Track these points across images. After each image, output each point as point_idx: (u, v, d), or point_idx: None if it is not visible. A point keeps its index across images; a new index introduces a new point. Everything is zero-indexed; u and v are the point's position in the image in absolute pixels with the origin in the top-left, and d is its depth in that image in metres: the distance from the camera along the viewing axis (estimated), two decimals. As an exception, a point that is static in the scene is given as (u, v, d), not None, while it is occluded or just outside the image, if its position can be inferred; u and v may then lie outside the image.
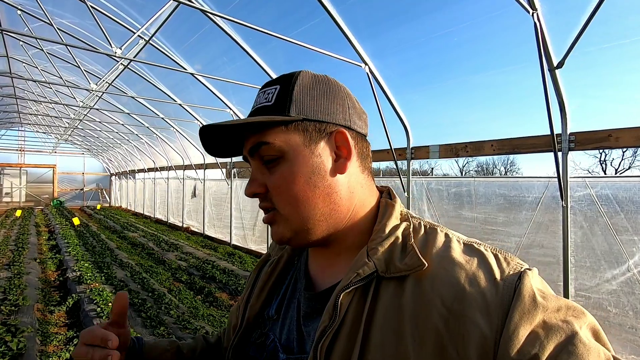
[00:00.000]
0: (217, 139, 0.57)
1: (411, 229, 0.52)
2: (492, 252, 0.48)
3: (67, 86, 6.10)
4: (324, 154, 0.53)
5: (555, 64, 2.81)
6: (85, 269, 5.41)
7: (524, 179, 3.35)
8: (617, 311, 2.83)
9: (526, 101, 3.49)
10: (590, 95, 3.03)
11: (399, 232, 0.52)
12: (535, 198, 3.31)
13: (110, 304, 4.00)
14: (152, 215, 13.59)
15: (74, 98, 7.81)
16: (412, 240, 0.50)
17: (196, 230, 9.99)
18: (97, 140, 15.82)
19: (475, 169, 28.63)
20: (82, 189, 20.60)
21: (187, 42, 5.45)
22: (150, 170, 13.58)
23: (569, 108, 2.99)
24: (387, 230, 0.52)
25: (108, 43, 3.96)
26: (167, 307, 4.09)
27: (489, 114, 3.80)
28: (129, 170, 16.67)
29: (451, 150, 3.93)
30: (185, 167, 10.38)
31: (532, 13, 2.56)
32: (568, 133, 3.03)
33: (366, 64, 3.80)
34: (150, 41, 5.08)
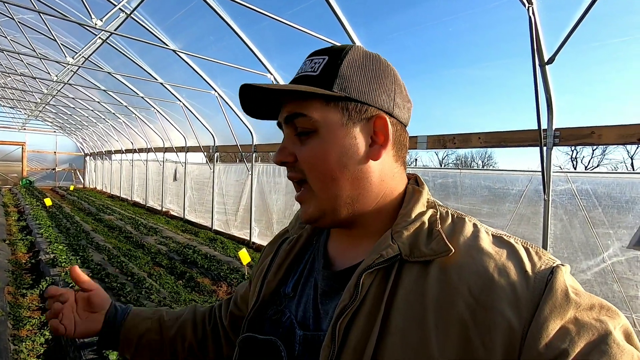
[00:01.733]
0: (256, 101, 0.56)
1: (438, 216, 0.52)
2: (523, 245, 0.47)
3: (40, 58, 5.73)
4: (359, 136, 0.51)
5: (546, 60, 2.85)
6: (60, 251, 5.21)
7: (508, 172, 3.43)
8: (589, 300, 2.97)
9: (515, 96, 3.55)
10: (577, 92, 3.11)
11: (425, 218, 0.51)
12: (519, 191, 3.40)
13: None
14: (129, 198, 13.19)
15: (48, 72, 7.37)
16: (439, 226, 0.49)
17: (176, 214, 9.79)
18: (71, 118, 15.08)
19: (455, 161, 29.28)
20: (53, 169, 19.71)
21: (171, 19, 5.21)
22: (128, 151, 13.12)
23: (555, 104, 3.06)
24: (413, 215, 0.51)
25: (86, 15, 3.72)
26: (148, 291, 4.00)
27: (478, 106, 3.84)
28: (105, 151, 16.05)
29: (439, 142, 3.96)
30: (166, 150, 10.08)
31: (528, 7, 2.57)
32: (553, 129, 3.11)
33: (359, 50, 3.75)
34: (132, 15, 4.81)
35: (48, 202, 9.82)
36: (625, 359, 0.37)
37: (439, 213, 0.52)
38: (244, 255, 4.63)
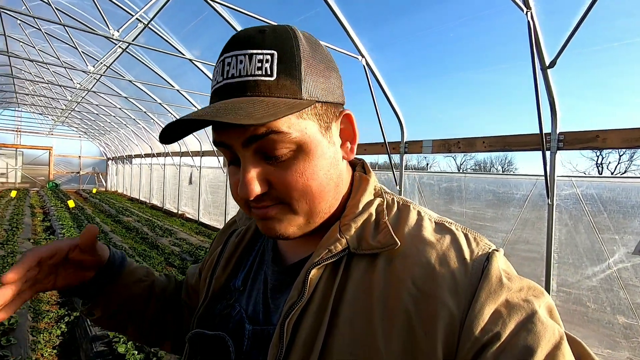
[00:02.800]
0: (182, 127, 0.43)
1: (384, 206, 0.51)
2: (463, 232, 0.48)
3: (65, 67, 6.07)
4: (336, 140, 0.48)
5: (547, 64, 2.84)
6: (79, 250, 5.46)
7: (513, 176, 3.41)
8: (595, 307, 2.91)
9: (519, 99, 3.53)
10: (581, 96, 3.08)
11: (373, 209, 0.50)
12: (523, 195, 3.37)
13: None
14: (147, 201, 13.61)
15: (72, 80, 7.76)
16: (386, 217, 0.49)
17: (191, 217, 10.04)
18: (94, 124, 15.74)
19: (473, 167, 28.80)
20: (78, 172, 20.56)
21: (186, 28, 5.43)
22: (147, 155, 13.57)
23: (559, 108, 3.04)
24: (360, 207, 0.50)
25: (106, 24, 3.95)
26: (159, 289, 4.15)
27: (483, 110, 3.84)
28: (125, 155, 16.63)
29: (444, 146, 3.97)
30: (182, 154, 10.38)
31: (526, 12, 2.59)
32: (557, 132, 3.09)
33: (363, 56, 3.82)
34: (149, 25, 5.05)
35: (71, 204, 10.26)
36: (549, 334, 0.39)
37: (385, 202, 0.51)
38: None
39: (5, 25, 6.96)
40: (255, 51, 0.42)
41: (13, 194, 13.01)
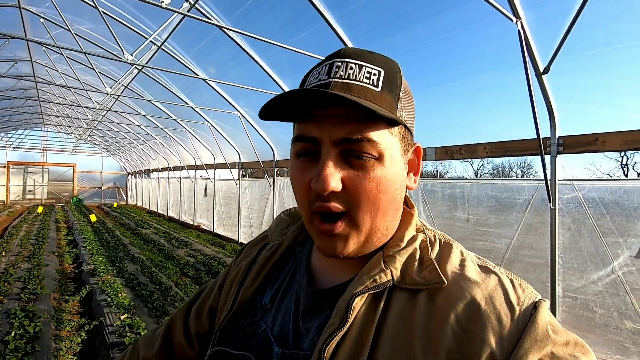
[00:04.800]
0: (285, 106, 0.46)
1: (428, 242, 0.51)
2: (507, 276, 0.48)
3: (85, 90, 6.44)
4: (406, 166, 0.51)
5: (542, 70, 2.89)
6: (99, 262, 5.71)
7: (515, 181, 3.43)
8: (602, 312, 2.88)
9: (519, 105, 3.55)
10: (578, 100, 3.10)
11: (417, 244, 0.51)
12: (526, 200, 3.38)
13: (119, 295, 4.25)
14: (165, 214, 14.01)
15: (92, 100, 8.18)
16: (431, 254, 0.49)
17: (206, 228, 10.29)
18: (115, 140, 16.39)
19: (491, 171, 28.30)
20: (100, 187, 21.34)
21: (196, 48, 5.70)
22: (164, 169, 14.01)
23: (557, 112, 3.07)
24: (405, 240, 0.51)
25: (120, 49, 4.22)
26: (173, 299, 4.31)
27: (484, 117, 3.88)
28: (144, 170, 17.20)
29: (446, 153, 4.02)
30: (197, 167, 10.70)
31: (516, 21, 2.65)
32: (557, 137, 3.11)
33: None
34: (162, 47, 5.35)
35: (93, 218, 10.69)
36: None
37: (428, 238, 0.52)
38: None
39: (32, 52, 7.45)
40: (365, 64, 0.46)
41: (40, 209, 13.64)
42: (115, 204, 18.12)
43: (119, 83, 7.08)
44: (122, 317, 3.61)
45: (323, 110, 0.45)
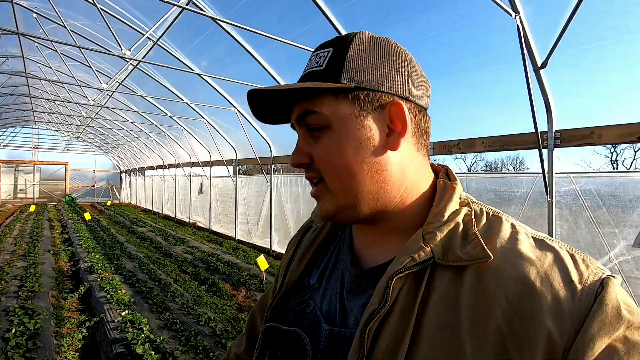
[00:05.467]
0: (266, 105, 0.54)
1: (473, 216, 0.48)
2: (568, 251, 0.44)
3: (80, 85, 6.36)
4: (374, 127, 0.48)
5: (539, 64, 2.94)
6: (96, 260, 5.68)
7: (513, 174, 3.48)
8: (598, 301, 2.94)
9: (516, 99, 3.61)
10: (575, 94, 3.15)
11: (459, 218, 0.48)
12: (524, 193, 3.44)
13: (119, 292, 4.23)
14: (160, 212, 13.92)
15: (86, 97, 8.09)
16: (475, 228, 0.46)
17: (202, 225, 10.25)
18: (108, 138, 16.23)
19: (484, 167, 28.58)
20: (93, 186, 21.13)
21: (193, 44, 5.67)
22: (158, 167, 13.91)
23: (554, 106, 3.12)
24: (446, 215, 0.48)
25: (118, 44, 4.18)
26: (173, 295, 4.30)
27: (482, 111, 3.93)
28: (138, 168, 17.05)
29: (445, 147, 4.06)
30: (192, 165, 10.64)
31: (515, 16, 2.69)
32: (554, 130, 3.16)
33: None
34: (158, 42, 5.30)
35: (87, 216, 10.59)
36: None
37: (473, 212, 0.49)
38: (262, 262, 4.87)
39: (23, 48, 7.34)
40: (320, 50, 0.52)
41: (32, 208, 13.47)
42: (108, 203, 17.96)
43: (114, 80, 7.01)
44: (123, 314, 3.60)
45: (292, 103, 0.52)
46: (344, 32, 3.75)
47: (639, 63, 2.75)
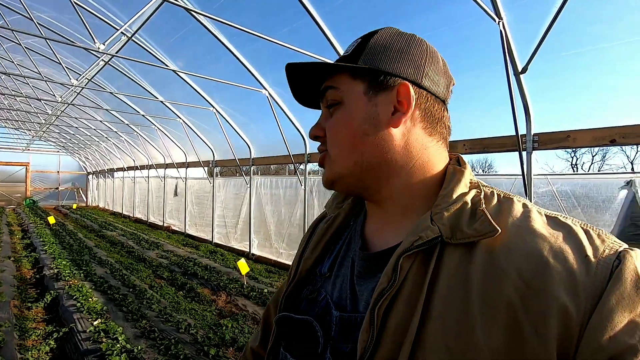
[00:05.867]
0: (301, 85, 0.59)
1: (482, 196, 0.49)
2: (582, 227, 0.43)
3: (46, 81, 5.99)
4: (382, 104, 0.51)
5: (520, 69, 3.04)
6: (63, 266, 5.34)
7: (493, 176, 3.58)
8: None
9: (496, 103, 3.72)
10: (552, 99, 3.28)
11: (468, 198, 0.48)
12: (503, 194, 3.54)
13: (90, 299, 3.99)
14: (131, 215, 13.35)
15: (53, 93, 7.64)
16: (483, 206, 0.47)
17: (177, 229, 9.92)
18: (74, 138, 15.39)
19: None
20: (57, 188, 19.94)
21: (170, 40, 5.48)
22: (130, 168, 13.35)
23: (533, 110, 3.23)
24: (454, 196, 0.48)
25: (89, 38, 3.96)
26: (149, 302, 4.11)
27: (463, 114, 4.01)
28: (107, 169, 16.30)
29: (427, 150, 4.12)
30: (167, 166, 10.29)
31: (498, 22, 2.77)
32: (532, 134, 3.27)
33: (347, 65, 3.95)
34: (133, 38, 5.08)
35: (51, 220, 9.98)
36: None
37: (482, 193, 0.50)
38: (243, 266, 4.75)
39: (-19, 39, 6.83)
40: (355, 41, 0.57)
41: (-12, 212, 12.54)
42: (74, 206, 17.03)
43: (83, 76, 6.65)
44: (95, 323, 3.39)
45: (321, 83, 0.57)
46: (330, 35, 3.74)
47: (613, 70, 2.90)
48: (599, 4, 2.66)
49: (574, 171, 22.62)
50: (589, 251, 0.40)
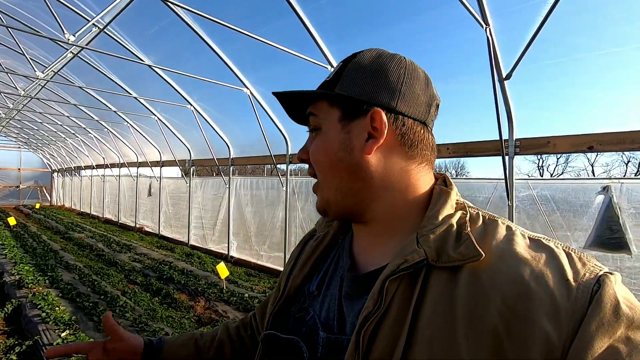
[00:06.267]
0: (295, 109, 0.61)
1: (467, 218, 0.49)
2: (564, 250, 0.44)
3: (7, 72, 5.57)
4: (355, 131, 0.52)
5: (504, 76, 3.09)
6: (26, 272, 4.98)
7: (475, 180, 3.63)
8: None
9: (480, 108, 3.78)
10: (534, 105, 3.36)
11: (454, 220, 0.48)
12: (485, 198, 3.60)
13: (57, 308, 3.73)
14: (100, 215, 12.73)
15: (15, 86, 7.14)
16: (468, 229, 0.47)
17: (151, 230, 9.54)
18: (37, 133, 14.49)
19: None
20: (17, 187, 18.73)
21: (146, 34, 5.22)
22: (99, 166, 12.73)
23: (515, 116, 3.30)
24: (440, 218, 0.48)
25: (57, 29, 3.70)
26: (122, 309, 3.89)
27: (447, 119, 4.05)
28: (74, 167, 15.48)
29: (411, 153, 4.14)
30: (140, 164, 9.87)
31: (485, 28, 2.80)
32: (514, 139, 3.34)
33: (332, 66, 3.90)
34: (106, 30, 4.80)
35: (12, 221, 9.33)
36: None
37: (468, 215, 0.50)
38: (222, 269, 4.59)
39: None
40: (337, 64, 0.58)
41: (-61, 212, 11.58)
42: (37, 205, 16.07)
43: (49, 69, 6.23)
44: (63, 334, 3.17)
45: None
46: (315, 34, 3.67)
47: (592, 79, 3.00)
48: (582, 14, 2.73)
49: (540, 174, 23.72)
50: (570, 275, 0.40)
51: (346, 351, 0.45)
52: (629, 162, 21.72)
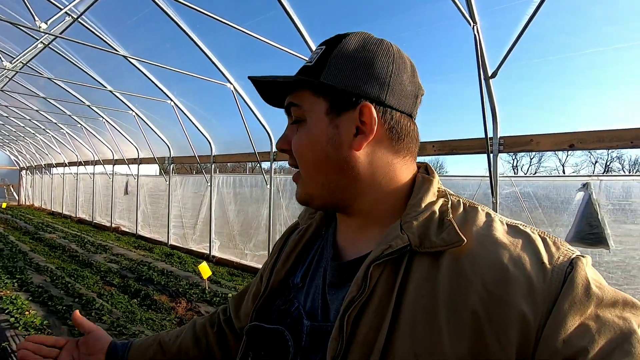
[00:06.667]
0: (269, 92, 0.57)
1: (449, 205, 0.50)
2: (540, 235, 0.45)
3: (-30, 62, 5.21)
4: (343, 125, 0.50)
5: (489, 74, 3.12)
6: (-8, 275, 4.69)
7: (460, 177, 3.67)
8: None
9: (465, 106, 3.82)
10: (518, 104, 3.43)
11: (436, 207, 0.49)
12: (470, 195, 3.64)
13: (27, 313, 3.52)
14: (73, 215, 12.20)
15: (-22, 77, 6.71)
16: (450, 215, 0.48)
17: (127, 230, 9.21)
18: (3, 129, 13.73)
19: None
20: (-18, 185, 17.74)
21: (124, 25, 5.00)
22: (72, 164, 12.19)
23: (499, 114, 3.35)
24: (422, 205, 0.49)
25: (26, 18, 3.47)
26: (99, 312, 3.71)
27: (433, 117, 4.08)
28: (44, 164, 14.78)
29: (397, 150, 4.14)
30: (116, 162, 9.51)
31: (473, 26, 2.81)
32: (499, 137, 3.39)
33: (319, 62, 3.84)
34: (80, 20, 4.56)
35: (-24, 221, 8.80)
36: None
37: (450, 202, 0.50)
38: (205, 269, 4.47)
39: None
40: (318, 47, 0.54)
41: None
42: (4, 205, 15.24)
43: (18, 60, 5.88)
44: (35, 340, 2.98)
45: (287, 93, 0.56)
46: (302, 29, 3.61)
47: (576, 78, 3.08)
48: (567, 15, 2.79)
49: (514, 172, 24.58)
50: (545, 258, 0.42)
51: (330, 337, 0.45)
52: (596, 162, 22.75)
